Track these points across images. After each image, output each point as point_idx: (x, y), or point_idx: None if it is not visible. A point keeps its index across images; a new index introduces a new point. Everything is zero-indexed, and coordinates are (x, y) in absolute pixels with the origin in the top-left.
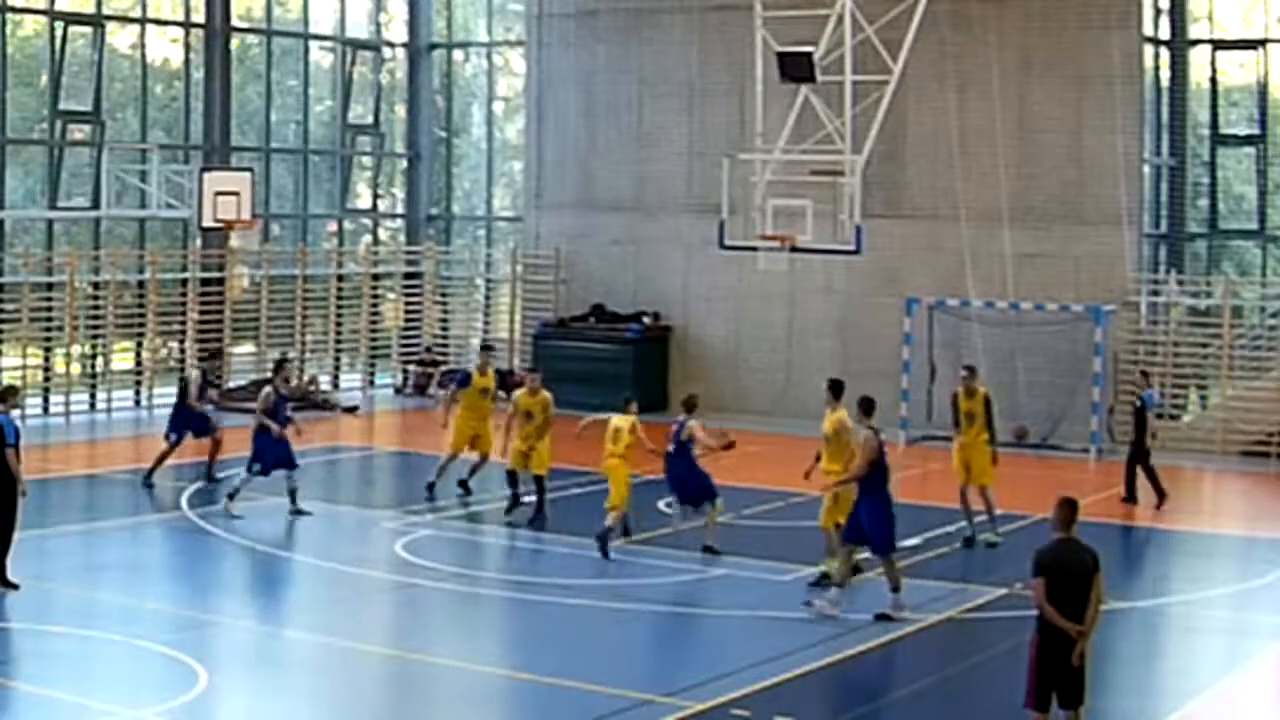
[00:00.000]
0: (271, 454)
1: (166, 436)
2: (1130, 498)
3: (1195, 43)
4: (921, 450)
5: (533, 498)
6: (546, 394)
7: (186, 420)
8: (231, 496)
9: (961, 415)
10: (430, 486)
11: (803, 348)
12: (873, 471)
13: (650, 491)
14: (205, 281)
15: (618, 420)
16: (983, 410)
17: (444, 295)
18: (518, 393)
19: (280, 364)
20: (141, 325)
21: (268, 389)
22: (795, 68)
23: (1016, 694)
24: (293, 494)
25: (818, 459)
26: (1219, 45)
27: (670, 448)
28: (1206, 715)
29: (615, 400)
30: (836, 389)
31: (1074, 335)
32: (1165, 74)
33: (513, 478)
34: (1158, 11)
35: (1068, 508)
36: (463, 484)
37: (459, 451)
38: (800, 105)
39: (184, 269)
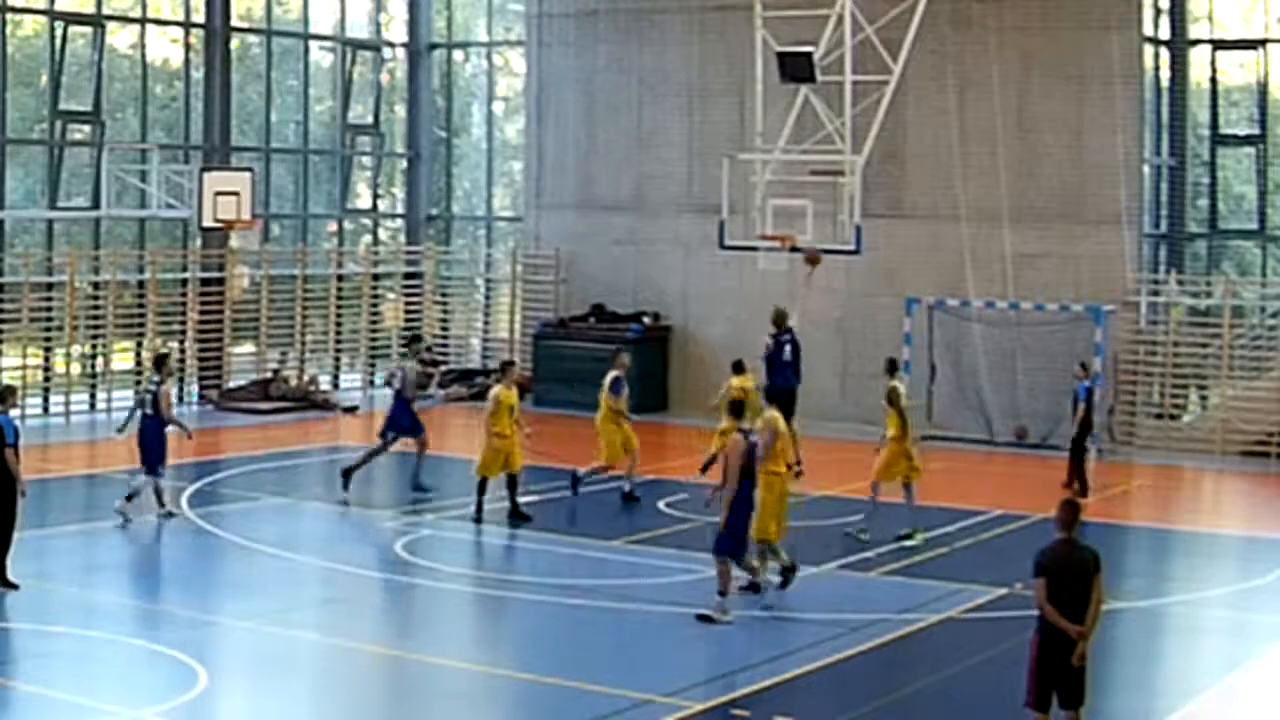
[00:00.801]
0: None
1: (382, 434)
2: (1072, 485)
3: (1195, 43)
4: (922, 450)
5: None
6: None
7: (401, 417)
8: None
9: (906, 412)
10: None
11: (803, 347)
12: (742, 475)
13: (650, 492)
14: (205, 281)
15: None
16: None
17: (444, 295)
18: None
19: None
20: (141, 325)
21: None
22: (795, 68)
23: (1017, 694)
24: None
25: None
26: (1219, 45)
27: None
28: (1206, 715)
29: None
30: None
31: (1074, 335)
32: (1165, 74)
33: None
34: (1158, 11)
35: (1069, 509)
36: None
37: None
38: (800, 105)
39: (184, 269)
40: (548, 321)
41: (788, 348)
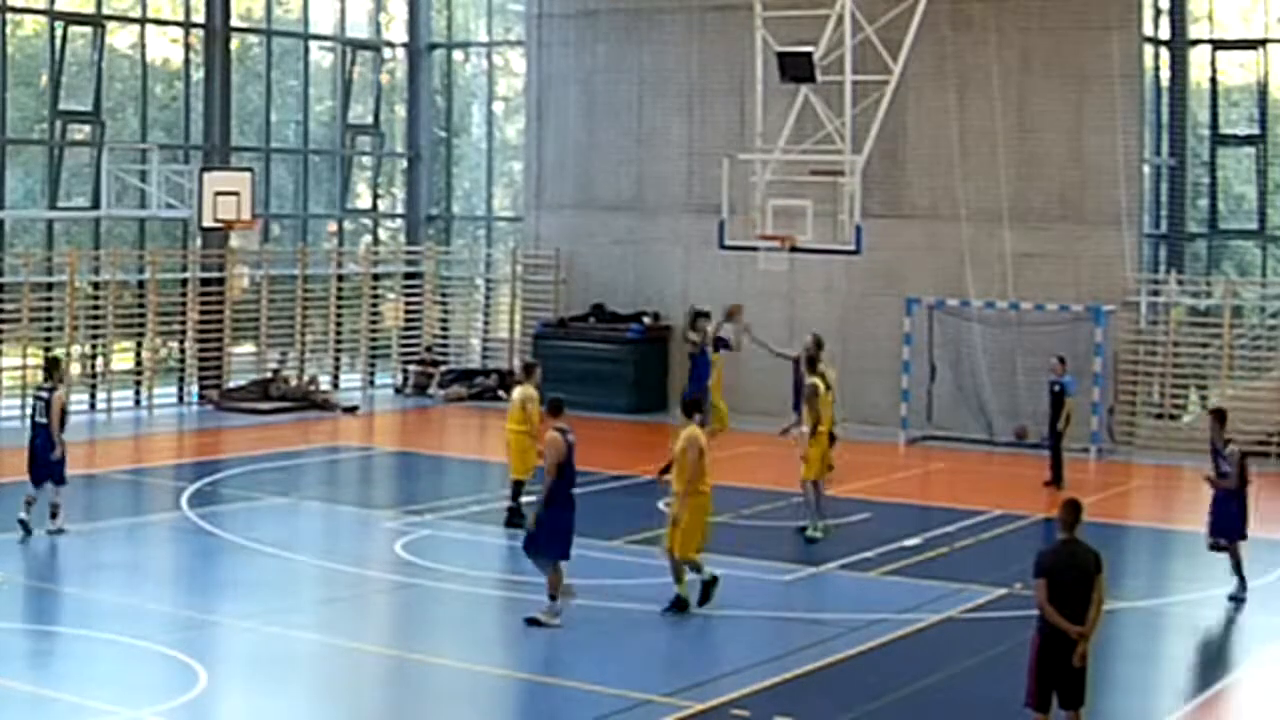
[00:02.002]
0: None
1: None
2: (1056, 481)
3: (1195, 43)
4: (922, 450)
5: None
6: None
7: None
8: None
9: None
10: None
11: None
12: (559, 474)
13: (651, 492)
14: (205, 281)
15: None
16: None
17: (444, 295)
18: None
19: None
20: (141, 325)
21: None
22: (795, 68)
23: (1016, 694)
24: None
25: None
26: (1219, 45)
27: None
28: (1206, 715)
29: (615, 400)
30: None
31: (1074, 335)
32: (1165, 74)
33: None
34: (1158, 11)
35: (1071, 509)
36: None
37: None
38: (800, 105)
39: (184, 269)
40: (548, 321)
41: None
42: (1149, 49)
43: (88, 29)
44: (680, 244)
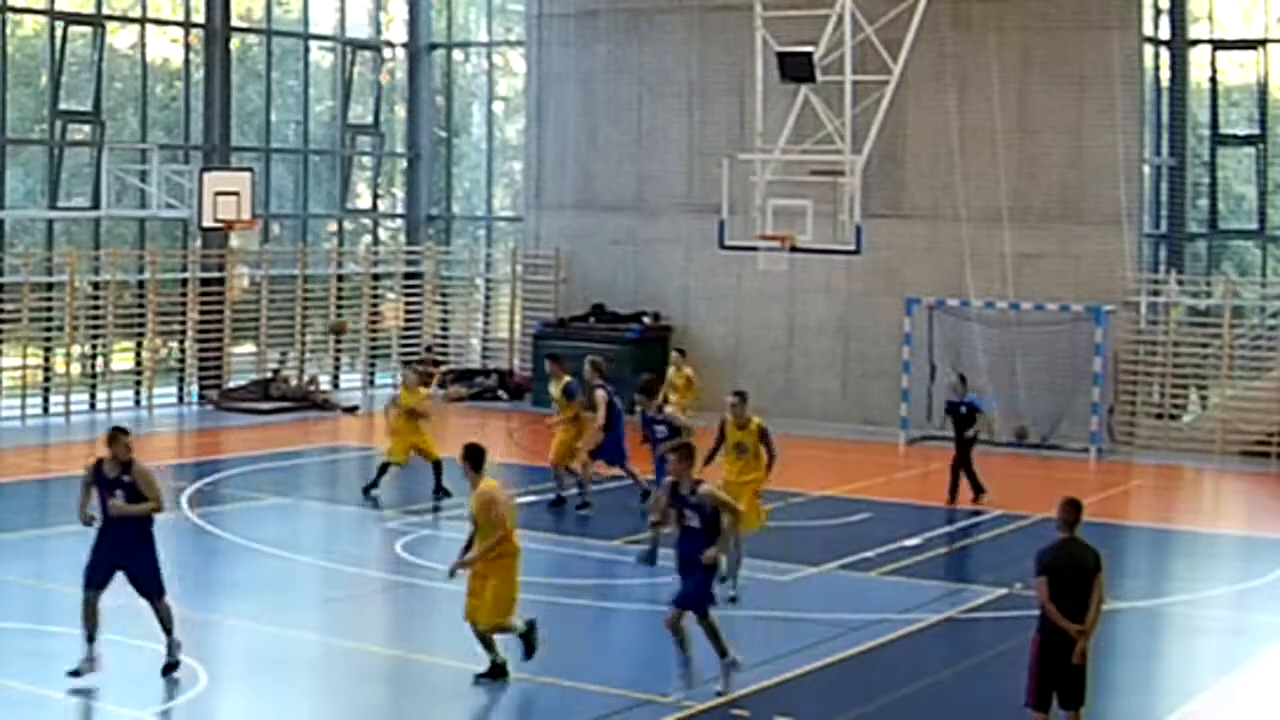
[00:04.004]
0: None
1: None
2: (953, 498)
3: (1195, 43)
4: (922, 450)
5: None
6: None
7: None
8: None
9: (730, 446)
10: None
11: (803, 348)
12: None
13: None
14: (205, 281)
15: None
16: (756, 442)
17: (444, 295)
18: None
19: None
20: (141, 325)
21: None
22: (795, 68)
23: (1016, 694)
24: None
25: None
26: (1219, 45)
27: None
28: (1206, 715)
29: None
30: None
31: (1074, 335)
32: (1165, 74)
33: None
34: (1158, 11)
35: (1071, 508)
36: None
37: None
38: (800, 105)
39: (184, 269)
40: (548, 321)
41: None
42: (1149, 49)
43: (88, 29)
44: (680, 244)
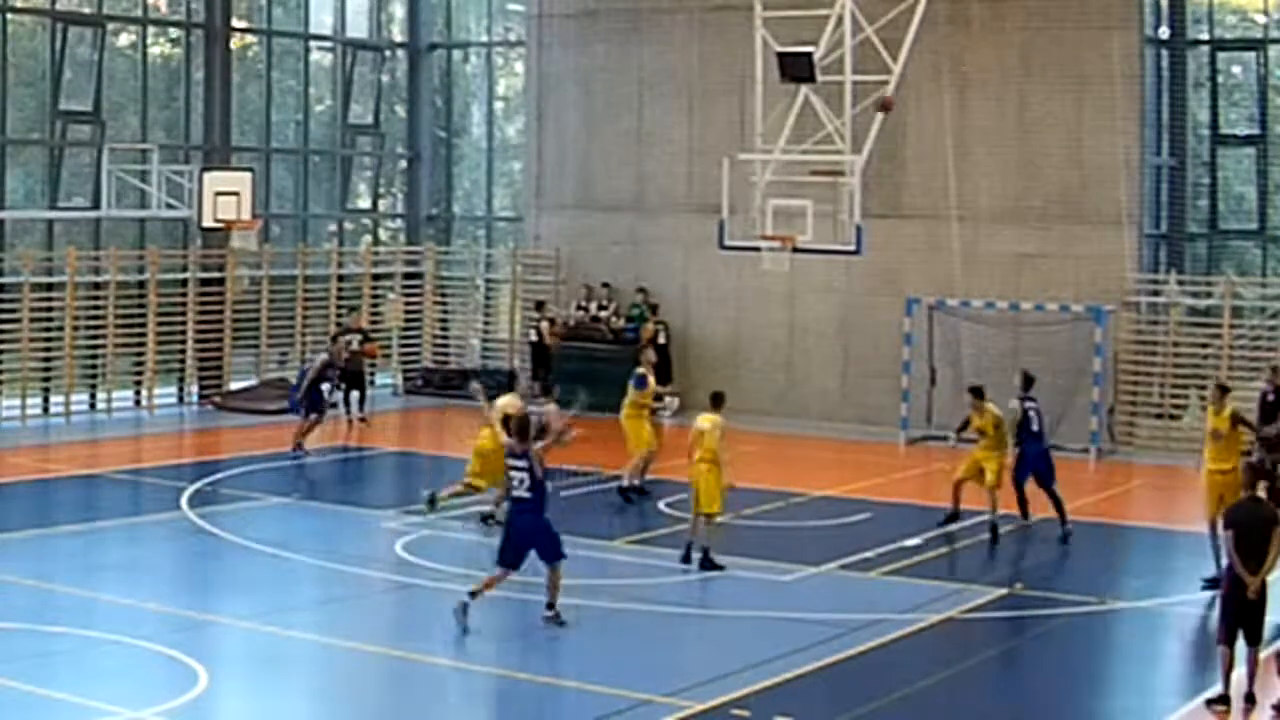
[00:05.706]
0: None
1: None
2: None
3: (1195, 43)
4: (922, 450)
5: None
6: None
7: None
8: None
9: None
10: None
11: (803, 348)
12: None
13: (654, 493)
14: (205, 281)
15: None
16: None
17: (444, 295)
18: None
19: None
20: (141, 325)
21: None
22: (795, 68)
23: (1016, 694)
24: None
25: None
26: (1219, 45)
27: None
28: (1206, 715)
29: (614, 400)
30: None
31: (1074, 335)
32: (1165, 74)
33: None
34: (1158, 11)
35: (1251, 470)
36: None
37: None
38: (800, 105)
39: (184, 269)
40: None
41: None
42: (1149, 49)
43: (88, 29)
44: (680, 244)
